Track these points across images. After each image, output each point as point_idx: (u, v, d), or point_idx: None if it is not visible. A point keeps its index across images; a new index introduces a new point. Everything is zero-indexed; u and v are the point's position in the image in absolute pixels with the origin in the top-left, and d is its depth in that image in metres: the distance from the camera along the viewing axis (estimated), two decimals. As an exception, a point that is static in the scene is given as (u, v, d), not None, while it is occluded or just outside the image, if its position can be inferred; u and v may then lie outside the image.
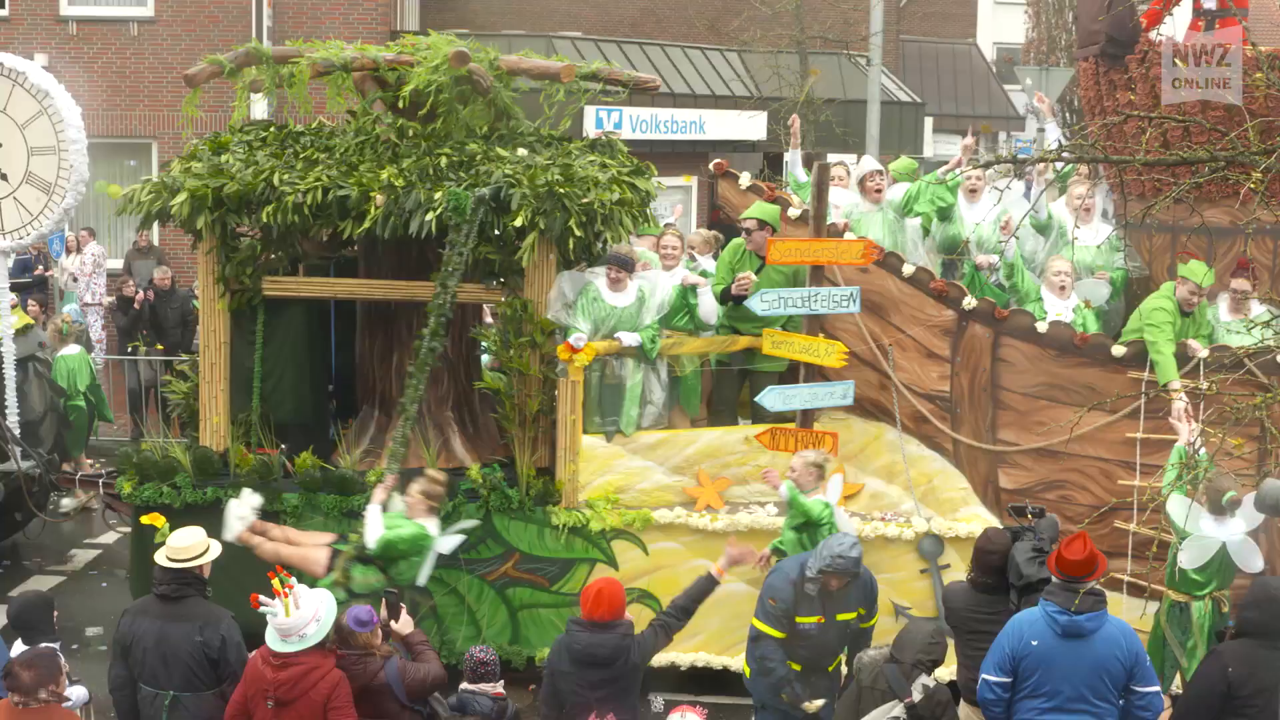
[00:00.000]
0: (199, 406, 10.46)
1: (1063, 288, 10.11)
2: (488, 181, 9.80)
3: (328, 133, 10.80)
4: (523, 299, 9.96)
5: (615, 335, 9.91)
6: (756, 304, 9.75)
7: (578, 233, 9.68)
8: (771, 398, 9.76)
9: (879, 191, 10.78)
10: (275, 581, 7.17)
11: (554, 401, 9.94)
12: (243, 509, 9.25)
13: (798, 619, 8.10)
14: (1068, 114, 27.30)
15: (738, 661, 9.21)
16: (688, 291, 10.21)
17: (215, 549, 7.83)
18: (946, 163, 11.19)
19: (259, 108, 17.23)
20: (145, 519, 8.75)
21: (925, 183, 10.59)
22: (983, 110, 33.71)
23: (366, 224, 9.80)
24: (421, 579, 9.10)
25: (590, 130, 22.92)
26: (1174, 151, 8.72)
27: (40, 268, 19.49)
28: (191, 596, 7.60)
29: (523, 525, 9.93)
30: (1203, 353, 9.58)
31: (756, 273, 10.08)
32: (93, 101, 16.44)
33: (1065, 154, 8.00)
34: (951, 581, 8.35)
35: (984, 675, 7.32)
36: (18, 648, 7.64)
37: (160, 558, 7.66)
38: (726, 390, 10.53)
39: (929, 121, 28.89)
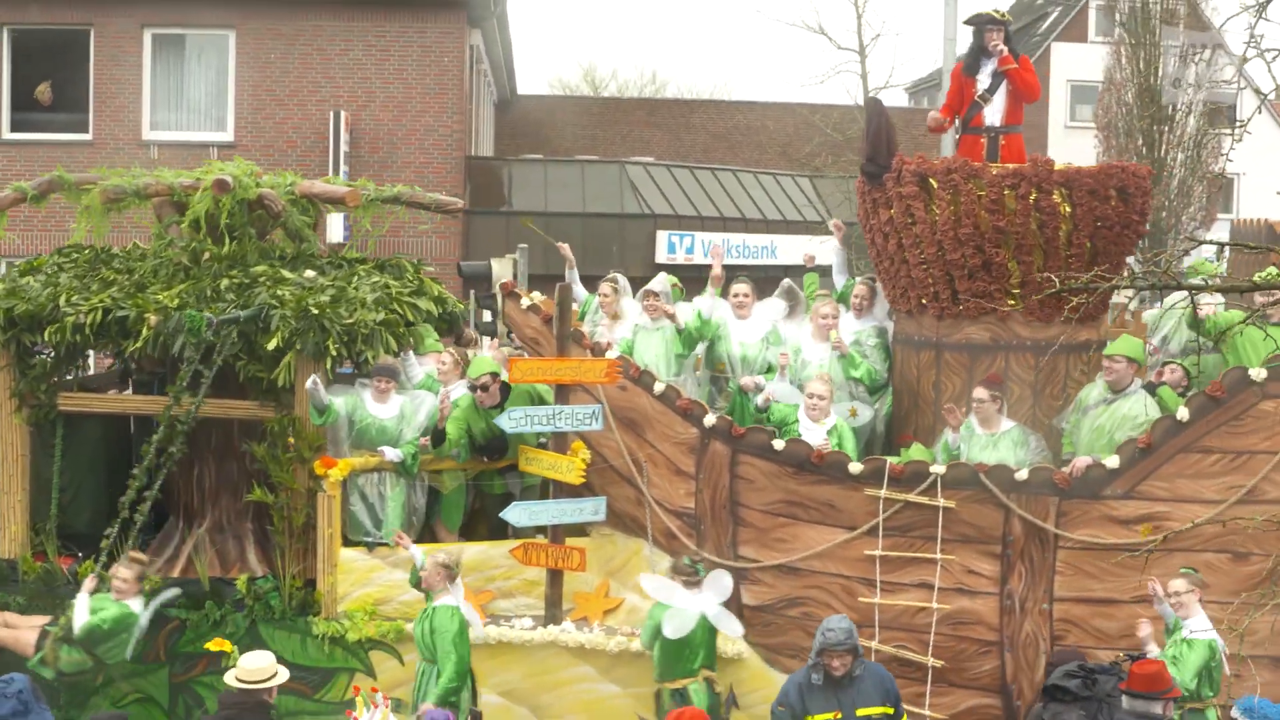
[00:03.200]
0: (-1, 515, 10.96)
1: (815, 409, 10.18)
2: (254, 303, 10.24)
3: (138, 254, 11.36)
4: (291, 415, 10.33)
5: (379, 449, 10.24)
6: (505, 421, 10.01)
7: (333, 351, 10.06)
8: (516, 513, 9.97)
9: (655, 310, 10.99)
10: (359, 697, 7.57)
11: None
12: None
13: (810, 718, 8.30)
14: None
15: None
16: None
17: (283, 675, 8.34)
18: None
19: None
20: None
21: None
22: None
23: (139, 343, 10.30)
24: (129, 655, 9.65)
25: (663, 254, 23.55)
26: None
27: None
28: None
29: (286, 634, 10.20)
30: (939, 469, 9.59)
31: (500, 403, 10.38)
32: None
33: (1139, 281, 7.98)
34: None
35: None
36: None
37: (230, 678, 8.25)
38: (491, 505, 10.74)
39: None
